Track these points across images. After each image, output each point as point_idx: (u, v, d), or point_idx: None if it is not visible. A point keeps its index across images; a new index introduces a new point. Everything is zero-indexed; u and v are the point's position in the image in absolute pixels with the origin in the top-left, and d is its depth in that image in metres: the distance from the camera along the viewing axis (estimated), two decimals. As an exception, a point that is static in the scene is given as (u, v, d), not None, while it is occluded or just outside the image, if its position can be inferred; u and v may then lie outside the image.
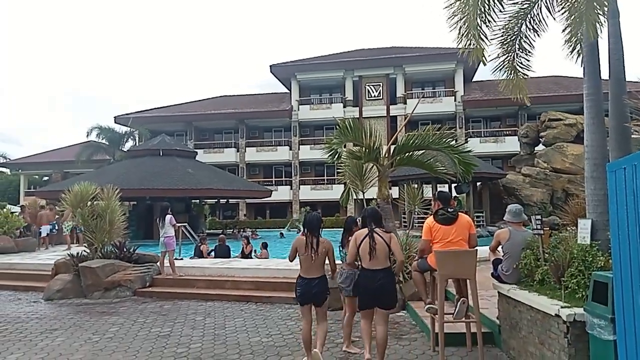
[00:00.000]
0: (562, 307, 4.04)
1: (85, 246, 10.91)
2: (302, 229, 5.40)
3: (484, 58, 6.68)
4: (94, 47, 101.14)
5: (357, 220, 5.91)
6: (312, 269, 5.04)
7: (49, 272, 10.59)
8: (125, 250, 10.57)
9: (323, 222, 5.41)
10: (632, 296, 3.16)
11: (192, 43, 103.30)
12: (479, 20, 6.29)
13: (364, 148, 8.54)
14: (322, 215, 6.14)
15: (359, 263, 5.00)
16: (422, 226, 5.95)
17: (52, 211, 17.53)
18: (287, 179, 38.52)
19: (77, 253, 10.47)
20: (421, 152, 8.94)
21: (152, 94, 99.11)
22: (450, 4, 6.38)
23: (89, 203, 10.75)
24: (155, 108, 41.06)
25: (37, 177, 44.85)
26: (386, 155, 8.68)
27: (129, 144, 33.47)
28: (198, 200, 27.81)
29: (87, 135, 32.22)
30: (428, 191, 17.48)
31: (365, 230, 4.93)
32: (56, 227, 17.56)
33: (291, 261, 5.35)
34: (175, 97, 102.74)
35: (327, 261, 5.21)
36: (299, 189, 37.38)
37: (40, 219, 17.01)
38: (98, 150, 32.31)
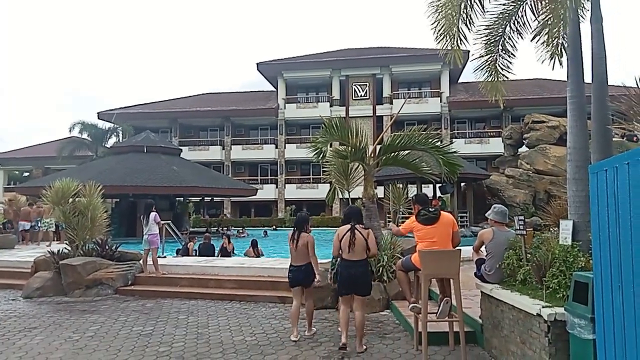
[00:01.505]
0: (543, 307, 4.09)
1: (66, 243, 10.73)
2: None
3: (459, 59, 6.74)
4: (92, 47, 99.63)
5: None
6: (297, 258, 6.02)
7: (28, 269, 10.39)
8: (107, 247, 10.43)
9: (309, 221, 6.32)
10: (611, 296, 3.21)
11: (180, 40, 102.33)
12: (460, 21, 6.34)
13: (349, 147, 8.53)
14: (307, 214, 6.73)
15: (341, 253, 5.60)
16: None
17: (36, 207, 17.26)
18: (273, 177, 38.43)
19: (58, 250, 10.30)
20: (407, 152, 8.97)
21: (142, 91, 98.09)
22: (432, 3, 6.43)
23: (71, 200, 10.59)
24: (139, 104, 40.61)
25: (17, 172, 44.02)
26: (372, 155, 8.68)
27: (112, 141, 33.04)
28: (182, 198, 27.59)
29: (70, 131, 31.73)
30: (413, 191, 17.55)
31: (347, 226, 5.59)
32: (39, 225, 17.30)
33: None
34: (162, 93, 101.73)
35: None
36: (285, 187, 37.32)
37: (19, 215, 16.75)
38: (80, 146, 31.82)
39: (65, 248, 10.42)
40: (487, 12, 6.50)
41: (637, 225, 2.84)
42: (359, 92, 37.40)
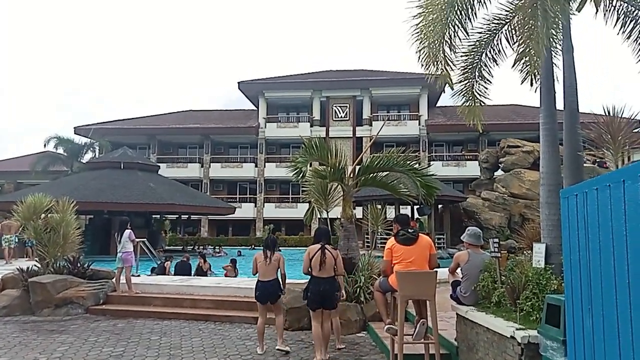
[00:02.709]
0: (517, 329, 4.14)
1: (36, 260, 10.43)
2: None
3: (449, 82, 6.90)
4: (89, 50, 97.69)
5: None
6: (267, 273, 6.39)
7: (-5, 287, 10.03)
8: (79, 265, 10.16)
9: (277, 242, 6.87)
10: (582, 319, 3.27)
11: (161, 56, 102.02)
12: (444, 47, 6.51)
13: (329, 167, 8.57)
14: (285, 234, 7.08)
15: (311, 270, 5.94)
16: (384, 246, 6.03)
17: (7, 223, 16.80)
18: (252, 196, 38.19)
19: (27, 267, 9.99)
20: (385, 173, 9.06)
21: (123, 104, 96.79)
22: (415, 28, 6.58)
23: (43, 215, 10.33)
24: (117, 120, 40.13)
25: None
26: (351, 176, 8.74)
27: (88, 156, 32.46)
28: (159, 216, 27.17)
29: (45, 146, 31.09)
30: (391, 212, 17.67)
31: (318, 246, 5.95)
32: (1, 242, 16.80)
33: (254, 274, 6.59)
34: (142, 108, 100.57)
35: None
36: (264, 206, 37.10)
37: None
38: (55, 161, 31.17)
39: (35, 265, 10.12)
40: (464, 40, 6.69)
41: (606, 248, 2.92)
42: (339, 113, 37.76)
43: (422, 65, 6.72)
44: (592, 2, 6.10)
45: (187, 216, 29.53)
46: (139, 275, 11.44)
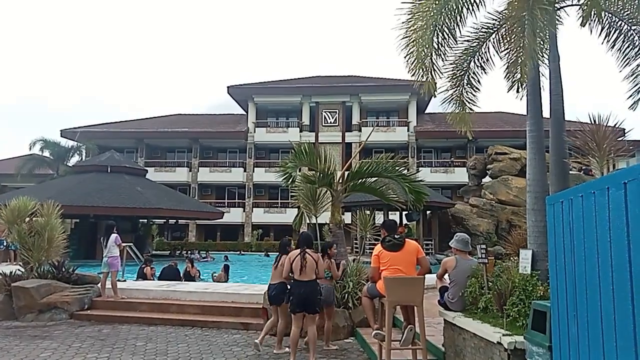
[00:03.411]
0: (503, 335, 4.16)
1: (20, 265, 10.27)
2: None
3: (434, 91, 6.96)
4: (76, 53, 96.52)
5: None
6: (274, 277, 6.66)
7: (-24, 292, 9.83)
8: (63, 270, 10.01)
9: (290, 245, 6.93)
10: (567, 325, 3.29)
11: (148, 60, 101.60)
12: (432, 54, 6.56)
13: (318, 173, 8.58)
14: (274, 239, 7.49)
15: (292, 276, 6.08)
16: (372, 252, 6.04)
17: None
18: (240, 200, 38.07)
19: (10, 272, 9.82)
20: (374, 179, 9.08)
21: (110, 107, 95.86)
22: (404, 34, 6.63)
23: (27, 219, 10.19)
24: (105, 123, 39.83)
25: (-30, 189, 42.03)
26: (340, 181, 8.76)
27: (75, 159, 32.11)
28: (146, 220, 26.93)
29: (30, 148, 30.74)
30: (380, 218, 17.71)
31: (297, 250, 6.12)
32: None
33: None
34: (129, 111, 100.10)
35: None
36: (252, 211, 36.99)
37: None
38: (41, 164, 30.80)
39: (19, 269, 9.96)
40: (453, 47, 6.75)
41: (591, 255, 2.95)
42: (329, 118, 37.88)
43: (410, 71, 6.77)
44: (582, 16, 6.19)
45: (174, 221, 29.32)
46: (125, 280, 11.31)
